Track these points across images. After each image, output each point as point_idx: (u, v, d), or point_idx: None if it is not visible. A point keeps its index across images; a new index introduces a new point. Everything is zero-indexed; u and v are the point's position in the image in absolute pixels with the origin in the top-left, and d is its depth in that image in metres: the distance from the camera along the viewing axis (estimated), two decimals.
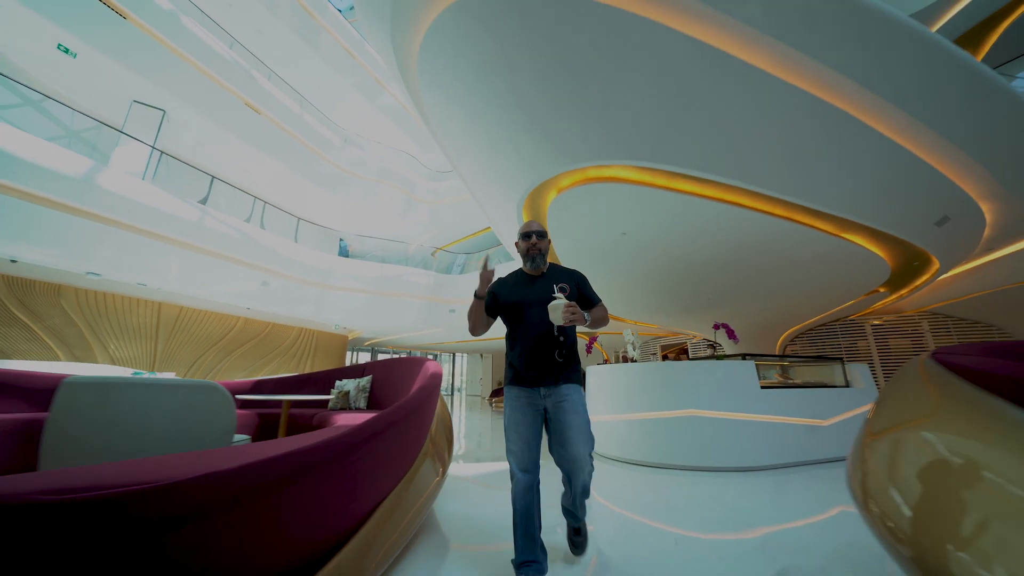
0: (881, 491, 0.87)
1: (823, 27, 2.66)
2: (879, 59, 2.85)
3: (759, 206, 3.65)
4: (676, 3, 2.42)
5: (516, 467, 1.47)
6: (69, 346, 6.40)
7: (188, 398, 1.78)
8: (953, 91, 3.05)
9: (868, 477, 0.93)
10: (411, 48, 2.80)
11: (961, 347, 0.99)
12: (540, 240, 1.65)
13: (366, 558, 1.38)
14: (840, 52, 2.77)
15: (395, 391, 3.46)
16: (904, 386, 0.98)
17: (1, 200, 4.90)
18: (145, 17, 6.97)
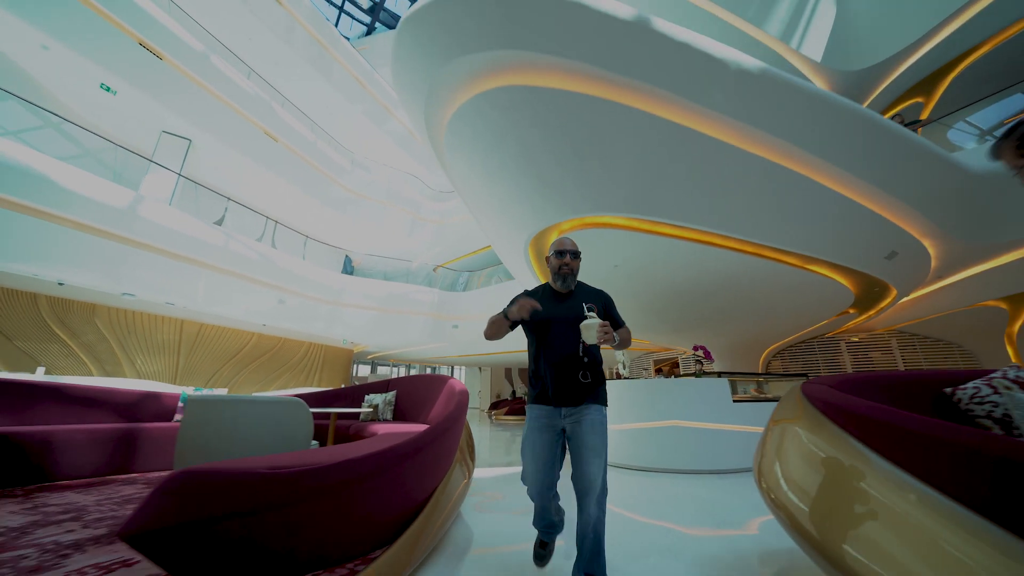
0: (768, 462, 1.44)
1: (775, 110, 3.31)
2: (824, 132, 3.50)
3: (731, 245, 4.26)
4: (654, 94, 3.06)
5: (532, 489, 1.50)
6: (101, 361, 6.84)
7: (281, 411, 2.31)
8: (886, 153, 3.71)
9: (764, 458, 1.49)
10: (441, 121, 3.42)
11: (818, 380, 1.56)
12: (574, 260, 1.63)
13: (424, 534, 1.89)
14: (791, 127, 3.41)
15: (419, 405, 3.97)
16: (788, 399, 1.55)
17: (53, 229, 5.43)
18: (180, 58, 7.60)
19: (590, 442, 1.43)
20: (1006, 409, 1.49)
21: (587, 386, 1.51)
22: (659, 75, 2.97)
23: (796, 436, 1.42)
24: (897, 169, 3.86)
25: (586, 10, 2.74)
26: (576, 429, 1.47)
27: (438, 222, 13.83)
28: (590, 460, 1.41)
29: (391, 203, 12.56)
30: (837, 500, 1.21)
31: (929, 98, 7.22)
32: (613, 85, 2.99)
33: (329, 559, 1.43)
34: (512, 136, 3.24)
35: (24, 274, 5.61)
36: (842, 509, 1.19)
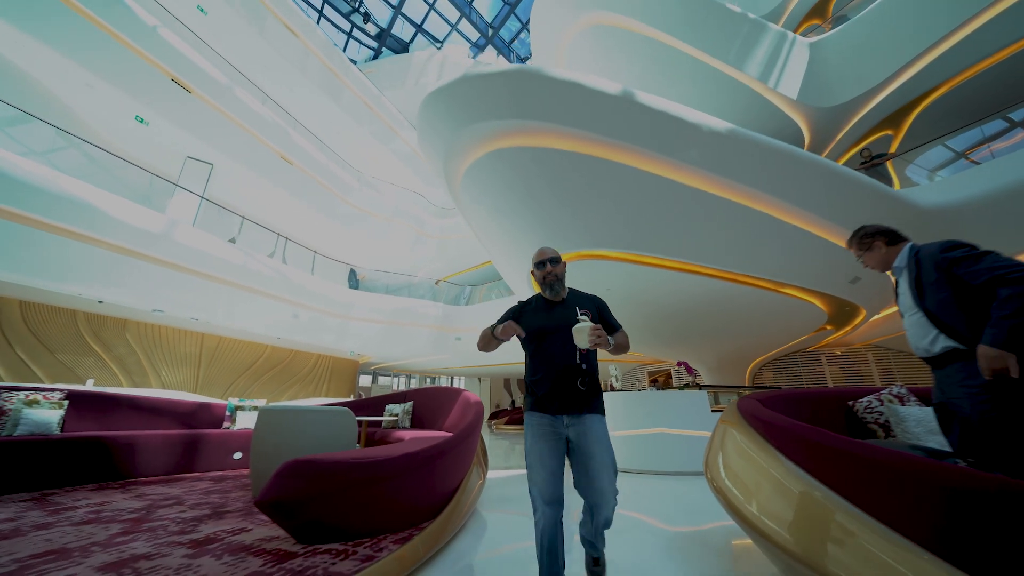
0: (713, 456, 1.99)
1: (741, 162, 3.92)
2: (784, 178, 4.11)
3: (711, 273, 4.85)
4: (640, 153, 3.66)
5: (540, 500, 1.40)
6: (130, 373, 7.34)
7: (333, 419, 2.84)
8: (839, 193, 4.33)
9: (710, 452, 2.04)
10: (457, 172, 4.01)
11: (750, 396, 2.12)
12: (555, 266, 1.62)
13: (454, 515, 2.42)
14: (756, 176, 4.02)
15: (435, 414, 4.50)
16: (730, 409, 2.11)
17: (99, 253, 5.97)
18: (207, 91, 8.24)
19: (600, 457, 1.43)
20: (887, 417, 2.06)
21: (585, 394, 1.51)
22: (642, 138, 3.58)
23: (732, 436, 1.97)
24: (850, 207, 4.48)
25: (580, 88, 3.35)
26: (583, 442, 1.45)
27: (440, 237, 14.42)
28: (602, 474, 1.41)
29: (396, 219, 13.16)
30: (754, 482, 1.76)
31: (897, 131, 7.90)
32: (605, 145, 3.59)
33: (393, 526, 1.98)
34: (520, 185, 3.84)
35: (71, 293, 6.14)
36: (754, 485, 1.74)
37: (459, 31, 16.07)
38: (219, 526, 2.06)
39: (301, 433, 2.72)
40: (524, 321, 1.62)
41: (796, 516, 1.50)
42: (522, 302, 1.75)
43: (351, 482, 1.87)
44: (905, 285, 1.84)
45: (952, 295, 1.67)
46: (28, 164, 5.28)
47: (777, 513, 1.58)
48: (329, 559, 1.61)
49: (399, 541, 1.82)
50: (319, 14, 15.02)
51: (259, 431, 2.72)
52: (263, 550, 1.73)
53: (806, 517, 1.46)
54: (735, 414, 2.01)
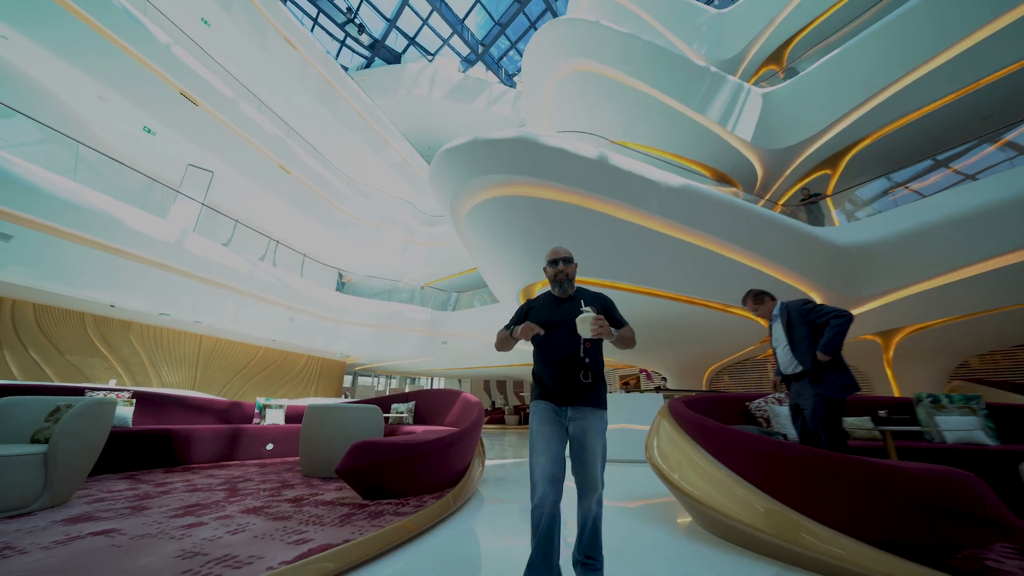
0: (651, 439, 2.89)
1: (692, 211, 4.90)
2: (727, 224, 5.12)
3: (671, 296, 5.83)
4: (612, 202, 4.58)
5: (542, 479, 1.43)
6: (133, 373, 7.74)
7: (366, 414, 3.61)
8: (772, 235, 5.38)
9: (649, 437, 2.95)
10: (462, 211, 4.81)
11: (679, 399, 3.03)
12: (567, 266, 1.71)
13: (467, 485, 3.23)
14: (704, 222, 5.01)
15: (435, 412, 5.27)
16: (662, 407, 3.02)
17: (111, 259, 6.44)
18: (212, 104, 8.71)
19: (593, 448, 1.51)
20: (768, 413, 3.02)
21: (588, 386, 1.57)
22: (614, 191, 4.50)
23: (664, 426, 2.87)
24: (780, 245, 5.55)
25: (565, 153, 4.24)
26: (580, 435, 1.53)
27: (428, 244, 15.09)
28: (594, 465, 1.50)
29: (386, 226, 13.75)
30: (678, 457, 2.66)
31: (834, 171, 9.19)
32: (586, 196, 4.49)
33: (429, 489, 2.79)
34: (516, 224, 4.69)
35: (86, 298, 6.57)
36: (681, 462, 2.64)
37: (450, 46, 16.79)
38: (296, 492, 2.82)
39: (342, 425, 3.48)
40: (532, 316, 1.71)
41: (700, 478, 2.40)
42: (530, 300, 1.85)
43: (399, 457, 2.67)
44: (779, 327, 2.80)
45: (807, 333, 2.64)
46: (58, 179, 5.73)
47: (690, 477, 2.48)
48: (392, 507, 2.41)
49: (435, 497, 2.64)
50: (314, 22, 15.44)
51: (308, 423, 3.47)
52: (342, 502, 2.51)
53: (705, 478, 2.36)
54: (665, 411, 2.92)
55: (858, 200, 8.14)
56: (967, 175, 6.89)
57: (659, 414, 2.96)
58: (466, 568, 1.87)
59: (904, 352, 8.07)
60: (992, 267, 5.54)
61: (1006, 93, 7.19)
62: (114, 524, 1.98)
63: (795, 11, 10.15)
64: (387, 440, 2.70)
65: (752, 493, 2.01)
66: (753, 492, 2.01)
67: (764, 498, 1.97)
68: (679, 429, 2.66)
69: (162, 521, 2.04)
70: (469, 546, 2.20)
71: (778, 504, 1.92)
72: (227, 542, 1.76)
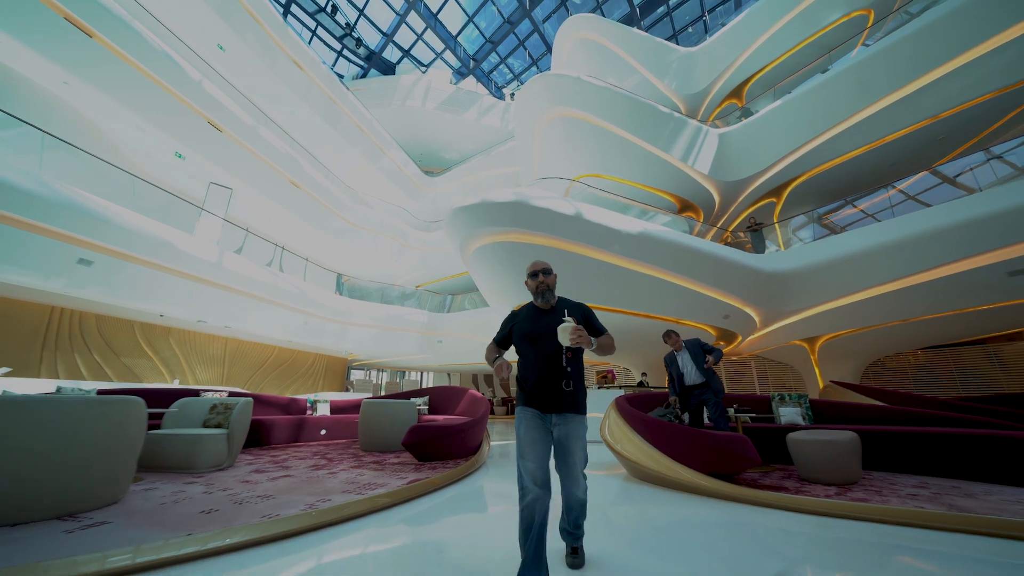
0: (604, 423, 4.48)
1: (648, 251, 6.46)
2: (675, 259, 6.71)
3: (636, 313, 7.43)
4: (585, 246, 6.10)
5: (531, 482, 1.54)
6: (173, 372, 8.94)
7: (406, 407, 5.07)
8: (714, 267, 7.00)
9: (603, 420, 4.52)
10: (469, 249, 6.24)
11: (625, 396, 4.58)
12: (547, 277, 1.82)
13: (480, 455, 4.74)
14: (658, 259, 6.58)
15: (445, 405, 6.76)
16: (612, 401, 4.59)
17: (164, 277, 7.63)
18: (234, 129, 9.80)
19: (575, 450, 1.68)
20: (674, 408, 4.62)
21: (569, 393, 1.69)
22: (586, 238, 6.02)
23: (612, 414, 4.42)
24: (719, 273, 7.18)
25: (550, 211, 5.74)
26: (564, 440, 1.67)
27: (422, 249, 16.37)
28: (576, 464, 1.69)
29: (384, 233, 14.99)
30: (619, 434, 4.22)
31: (779, 200, 10.94)
32: (565, 241, 6.00)
33: (458, 456, 4.31)
34: (511, 261, 6.15)
35: (141, 309, 7.76)
36: (621, 437, 4.21)
37: (443, 59, 17.88)
38: (372, 458, 4.29)
39: (390, 415, 4.95)
40: (517, 327, 1.84)
41: (635, 450, 3.97)
42: (515, 312, 1.94)
43: (441, 435, 4.17)
44: (687, 355, 4.36)
45: (703, 358, 4.23)
46: (125, 212, 6.88)
47: (631, 450, 4.04)
48: (440, 465, 3.91)
49: (463, 460, 4.15)
50: (312, 34, 16.31)
51: (364, 413, 4.92)
52: (406, 463, 3.99)
53: (638, 448, 3.92)
54: (613, 404, 4.48)
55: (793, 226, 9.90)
56: (869, 214, 8.71)
57: (609, 406, 4.53)
58: (468, 506, 3.37)
59: (826, 353, 9.95)
60: (885, 291, 7.25)
61: (909, 147, 8.99)
62: (284, 472, 3.44)
63: (751, 57, 11.78)
64: (433, 423, 4.20)
65: (654, 451, 3.59)
66: (654, 451, 3.59)
67: (659, 453, 3.55)
68: (620, 417, 4.23)
69: (310, 471, 3.50)
70: (476, 495, 3.71)
71: (665, 457, 3.50)
72: (363, 479, 3.24)
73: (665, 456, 3.50)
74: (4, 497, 1.99)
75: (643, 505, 3.03)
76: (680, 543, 2.19)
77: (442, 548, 2.15)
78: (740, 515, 2.64)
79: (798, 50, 11.41)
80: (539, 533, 1.50)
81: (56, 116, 7.95)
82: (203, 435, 3.43)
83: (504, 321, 1.94)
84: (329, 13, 15.31)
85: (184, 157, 9.47)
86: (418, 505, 2.84)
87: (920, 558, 1.97)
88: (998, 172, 7.06)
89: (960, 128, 8.33)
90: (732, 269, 7.34)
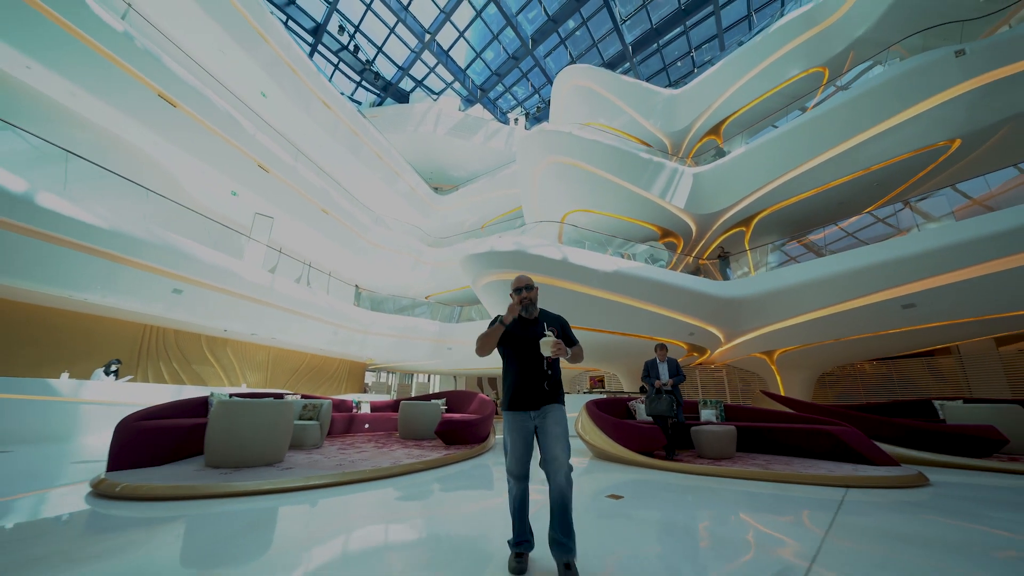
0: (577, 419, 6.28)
1: (622, 284, 8.25)
2: (645, 290, 8.49)
3: (614, 332, 9.21)
4: (572, 282, 7.90)
5: (513, 476, 1.94)
6: (228, 377, 10.80)
7: (435, 406, 6.87)
8: (678, 295, 8.78)
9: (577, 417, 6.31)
10: (479, 284, 8.04)
11: (594, 401, 6.34)
12: (529, 292, 2.10)
13: (488, 442, 6.53)
14: (631, 291, 8.37)
15: (459, 405, 8.54)
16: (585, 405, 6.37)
17: (230, 299, 9.48)
18: (278, 169, 11.65)
19: (554, 432, 1.89)
20: (634, 408, 6.40)
21: (549, 393, 2.00)
22: (571, 276, 7.82)
23: (584, 413, 6.17)
24: (683, 300, 8.95)
25: (542, 257, 7.55)
26: (543, 424, 1.93)
27: (433, 264, 18.20)
28: (555, 445, 1.87)
29: (400, 252, 16.83)
30: (588, 427, 5.99)
31: (747, 230, 12.66)
32: (554, 279, 7.80)
33: (475, 441, 6.14)
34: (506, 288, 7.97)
35: (210, 325, 9.62)
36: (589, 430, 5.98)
37: (453, 88, 19.71)
38: (412, 443, 6.11)
39: (423, 412, 6.75)
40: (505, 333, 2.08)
41: (596, 438, 5.76)
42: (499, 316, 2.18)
43: (462, 426, 5.97)
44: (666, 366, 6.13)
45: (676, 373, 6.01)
46: (206, 251, 8.73)
47: (594, 438, 5.83)
48: (463, 447, 5.72)
49: (476, 444, 5.96)
50: (335, 68, 18.17)
51: (403, 410, 6.74)
52: (437, 446, 5.81)
53: (598, 437, 5.70)
54: (584, 407, 6.25)
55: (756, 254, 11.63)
56: (813, 248, 10.45)
57: (582, 408, 6.31)
58: (480, 472, 5.15)
59: (783, 364, 11.68)
60: (819, 315, 8.94)
61: (851, 190, 10.69)
62: (359, 450, 5.26)
63: (725, 102, 13.52)
64: (456, 417, 6.01)
65: (608, 439, 5.37)
66: (608, 439, 5.37)
67: (611, 440, 5.32)
68: (589, 417, 6.01)
69: (375, 449, 5.32)
70: (484, 466, 5.49)
71: (614, 442, 5.28)
72: (415, 452, 5.06)
73: (615, 442, 5.28)
74: (243, 452, 3.82)
75: (606, 473, 4.80)
76: (631, 489, 3.98)
77: (462, 489, 3.96)
78: (659, 476, 4.42)
79: (766, 97, 13.13)
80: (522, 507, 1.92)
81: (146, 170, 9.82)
82: (307, 425, 5.26)
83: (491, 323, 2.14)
84: (351, 51, 17.16)
85: (237, 194, 11.34)
86: (449, 469, 4.64)
87: (743, 495, 3.75)
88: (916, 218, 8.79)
89: (889, 178, 10.04)
90: (693, 296, 9.11)
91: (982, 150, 8.97)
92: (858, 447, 4.54)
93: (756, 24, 16.56)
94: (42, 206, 6.18)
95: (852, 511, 3.00)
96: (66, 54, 7.60)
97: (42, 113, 8.18)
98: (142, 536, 2.38)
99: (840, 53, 11.59)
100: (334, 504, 3.13)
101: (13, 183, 5.97)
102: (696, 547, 2.33)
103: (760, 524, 2.77)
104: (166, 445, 3.99)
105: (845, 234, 10.58)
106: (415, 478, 4.05)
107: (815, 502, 3.27)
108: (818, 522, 2.73)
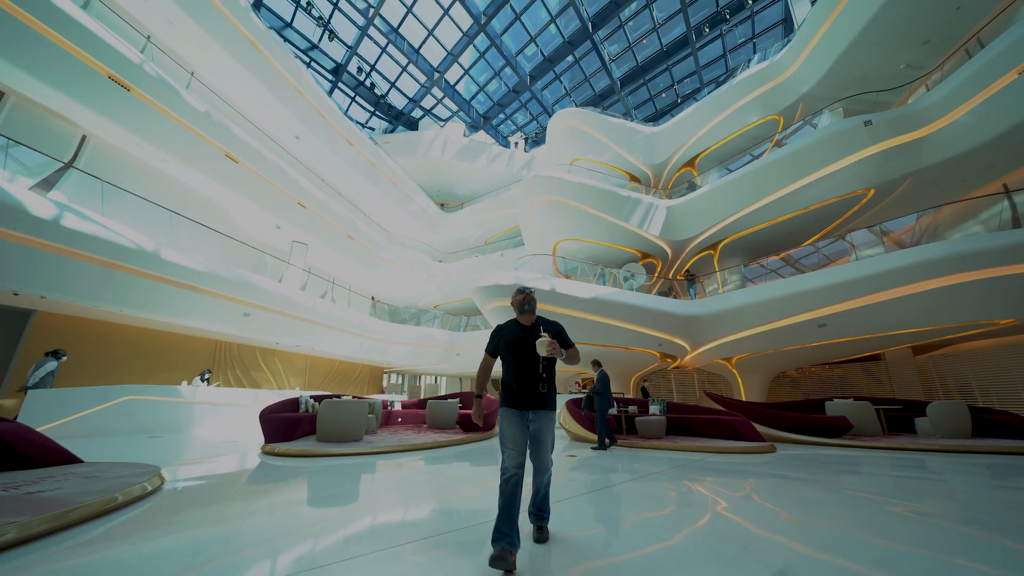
0: (560, 415, 8.67)
1: (606, 308, 10.64)
2: (621, 311, 10.88)
3: (599, 345, 11.58)
4: (557, 307, 10.27)
5: (510, 463, 2.08)
6: (277, 381, 13.20)
7: (452, 404, 9.25)
8: (649, 314, 11.17)
9: (560, 413, 8.70)
10: (487, 307, 10.39)
11: (572, 400, 8.67)
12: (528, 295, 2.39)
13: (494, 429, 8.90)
14: (607, 311, 10.75)
15: (469, 403, 10.96)
16: (566, 403, 8.74)
17: (283, 319, 11.86)
18: (313, 205, 14.03)
19: (545, 440, 2.21)
20: None
21: (544, 394, 2.22)
22: (559, 301, 10.21)
23: (565, 409, 8.51)
24: (648, 318, 11.31)
25: (535, 289, 9.95)
26: (538, 432, 2.20)
27: (441, 277, 20.60)
28: (545, 453, 2.22)
29: (413, 268, 19.22)
30: (566, 418, 8.36)
31: (715, 253, 15.00)
32: (547, 304, 10.19)
33: (484, 429, 8.56)
34: (511, 315, 10.33)
35: (263, 340, 12.03)
36: (567, 420, 8.35)
37: (458, 116, 22.03)
38: (438, 430, 8.51)
39: (444, 408, 9.15)
40: (503, 339, 2.36)
41: (572, 426, 8.14)
42: (500, 327, 2.45)
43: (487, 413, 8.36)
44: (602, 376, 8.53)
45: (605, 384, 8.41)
46: (266, 281, 11.10)
47: (571, 427, 8.20)
48: (479, 431, 8.12)
49: (485, 431, 8.35)
50: (352, 100, 20.52)
51: (431, 407, 9.15)
52: (457, 432, 8.20)
53: (572, 425, 8.08)
54: (565, 404, 8.61)
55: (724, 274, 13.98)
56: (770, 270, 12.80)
57: (564, 405, 8.68)
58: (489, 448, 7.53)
59: (741, 368, 14.03)
60: (759, 331, 11.29)
61: (797, 224, 13.01)
62: (404, 435, 7.68)
63: (698, 140, 15.86)
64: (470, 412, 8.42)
65: (578, 427, 7.74)
66: (579, 427, 7.74)
67: (580, 428, 7.68)
68: (567, 411, 8.37)
69: (415, 434, 7.73)
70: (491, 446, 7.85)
71: (581, 428, 7.64)
72: (444, 435, 7.48)
73: (584, 429, 7.65)
74: (340, 432, 6.23)
75: (579, 449, 7.16)
76: (588, 455, 6.37)
77: (476, 457, 6.36)
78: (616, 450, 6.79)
79: (732, 138, 15.44)
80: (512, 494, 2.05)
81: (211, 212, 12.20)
82: (368, 416, 7.65)
83: (492, 334, 2.45)
84: (368, 87, 19.51)
85: (280, 228, 13.74)
86: (467, 446, 7.03)
87: (666, 460, 6.13)
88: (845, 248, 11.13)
89: (824, 215, 12.36)
90: (658, 314, 11.46)
91: (892, 197, 11.30)
92: (743, 430, 6.90)
93: (731, 62, 18.86)
94: (166, 260, 8.58)
95: (714, 463, 5.38)
96: (164, 131, 9.98)
97: (143, 177, 10.57)
98: (297, 474, 4.78)
99: (791, 104, 13.90)
100: (402, 461, 5.52)
101: (146, 243, 8.37)
102: (614, 477, 4.72)
103: (656, 469, 5.15)
104: (289, 429, 6.39)
105: (795, 260, 12.92)
106: (446, 450, 6.44)
107: (697, 459, 5.65)
108: (692, 468, 5.10)
